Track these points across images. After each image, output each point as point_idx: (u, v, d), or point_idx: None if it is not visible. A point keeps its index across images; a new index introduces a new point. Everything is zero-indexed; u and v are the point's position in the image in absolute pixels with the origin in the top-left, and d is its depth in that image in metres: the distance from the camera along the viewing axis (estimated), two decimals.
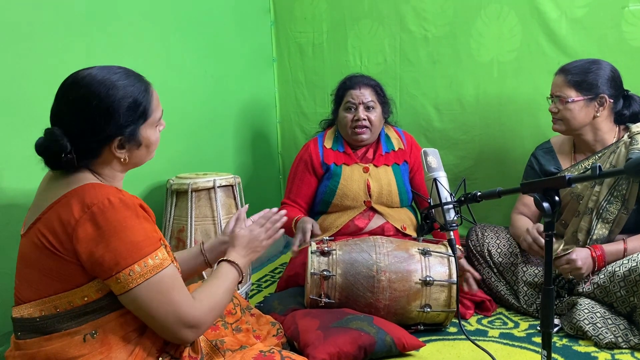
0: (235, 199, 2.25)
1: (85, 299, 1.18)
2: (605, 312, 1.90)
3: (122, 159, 1.26)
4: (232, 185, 2.24)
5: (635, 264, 1.84)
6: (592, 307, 1.91)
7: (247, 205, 1.74)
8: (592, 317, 1.88)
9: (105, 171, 1.27)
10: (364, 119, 2.36)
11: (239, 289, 2.22)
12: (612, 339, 1.82)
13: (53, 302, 1.19)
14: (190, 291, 1.29)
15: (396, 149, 2.45)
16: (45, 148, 1.19)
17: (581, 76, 2.04)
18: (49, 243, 1.16)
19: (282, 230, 1.63)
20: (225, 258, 1.44)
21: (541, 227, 2.02)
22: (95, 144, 1.22)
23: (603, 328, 1.85)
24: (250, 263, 2.13)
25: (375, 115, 2.39)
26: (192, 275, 1.67)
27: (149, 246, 1.18)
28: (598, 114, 2.05)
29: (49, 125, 1.22)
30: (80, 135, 1.19)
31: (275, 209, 1.63)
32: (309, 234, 2.11)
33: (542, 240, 1.97)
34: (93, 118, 1.19)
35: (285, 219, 1.64)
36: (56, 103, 1.23)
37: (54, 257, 1.17)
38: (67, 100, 1.20)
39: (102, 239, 1.14)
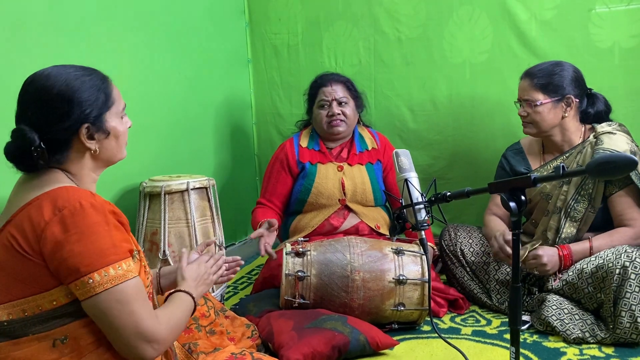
0: (209, 201, 2.25)
1: (54, 303, 1.16)
2: (572, 308, 1.94)
3: (93, 150, 1.25)
4: (206, 188, 2.23)
5: (602, 261, 1.88)
6: (560, 304, 1.96)
7: (213, 239, 1.76)
8: (559, 313, 1.93)
9: (78, 169, 1.26)
10: (339, 114, 2.40)
11: (213, 291, 2.21)
12: (580, 334, 1.87)
13: (21, 306, 1.17)
14: None
15: (370, 148, 2.48)
16: (15, 147, 1.18)
17: (546, 79, 2.08)
18: (19, 245, 1.15)
19: (225, 267, 1.61)
20: (180, 289, 1.40)
21: (508, 235, 2.06)
22: (63, 134, 1.20)
23: (570, 324, 1.90)
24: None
25: (349, 109, 2.43)
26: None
27: (113, 255, 1.16)
28: (566, 114, 2.09)
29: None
30: (47, 126, 1.18)
31: (216, 250, 1.63)
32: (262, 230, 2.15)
33: (508, 250, 2.01)
34: (56, 106, 1.19)
35: (224, 258, 1.61)
36: (19, 103, 1.22)
37: (23, 260, 1.15)
38: (28, 95, 1.21)
39: (67, 243, 1.12)
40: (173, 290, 1.40)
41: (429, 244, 2.22)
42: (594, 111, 2.14)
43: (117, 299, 1.14)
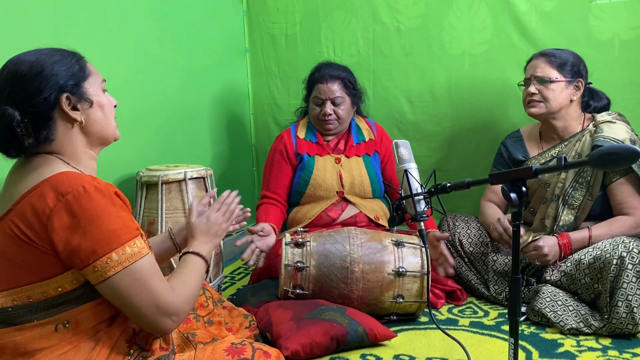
0: (206, 191, 2.23)
1: (60, 289, 1.17)
2: (567, 300, 1.95)
3: (79, 122, 1.24)
4: (203, 177, 2.22)
5: (600, 252, 1.89)
6: (554, 295, 1.96)
7: (214, 191, 1.76)
8: (553, 305, 1.94)
9: (71, 149, 1.25)
10: (331, 114, 2.38)
11: (210, 281, 2.21)
12: (574, 325, 1.88)
13: (26, 293, 1.17)
14: None
15: (367, 139, 2.47)
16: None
17: (562, 59, 2.10)
18: (23, 233, 1.14)
19: (239, 208, 1.62)
20: (187, 250, 1.44)
21: (506, 222, 2.06)
22: (43, 105, 1.19)
23: (564, 315, 1.91)
24: (218, 248, 2.11)
25: (343, 108, 2.41)
26: (162, 262, 1.66)
27: (127, 234, 1.17)
28: (574, 98, 2.11)
29: None
30: (25, 101, 1.18)
31: (227, 192, 1.62)
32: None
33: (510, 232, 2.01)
34: (30, 80, 1.19)
35: (239, 198, 1.62)
36: None
37: (28, 248, 1.15)
38: (2, 79, 1.21)
39: (78, 228, 1.13)
40: (183, 252, 1.44)
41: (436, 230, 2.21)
42: (596, 105, 2.18)
43: (135, 277, 1.17)
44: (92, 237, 1.13)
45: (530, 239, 2.03)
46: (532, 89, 2.12)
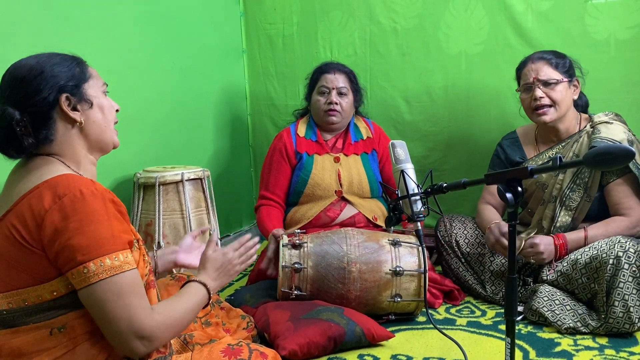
0: (204, 192, 2.24)
1: (55, 293, 1.16)
2: (564, 299, 1.95)
3: (78, 123, 1.24)
4: (200, 179, 2.22)
5: (596, 252, 1.89)
6: (552, 295, 1.97)
7: (207, 227, 1.77)
8: (550, 304, 1.94)
9: (71, 151, 1.24)
10: (336, 104, 2.39)
11: None
12: (571, 324, 1.88)
13: (21, 295, 1.16)
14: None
15: (364, 137, 2.48)
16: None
17: (558, 59, 2.09)
18: (20, 235, 1.14)
19: (255, 257, 1.60)
20: (195, 279, 1.40)
21: (504, 227, 2.05)
22: (43, 105, 1.20)
23: (561, 314, 1.91)
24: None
25: (347, 101, 2.43)
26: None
27: (111, 245, 1.15)
28: (575, 97, 2.11)
29: None
30: (25, 100, 1.18)
31: (248, 236, 1.59)
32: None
33: (505, 242, 2.01)
34: (30, 80, 1.19)
35: (258, 246, 1.61)
36: None
37: (24, 250, 1.14)
38: (4, 81, 1.22)
39: (65, 231, 1.12)
40: (188, 280, 1.40)
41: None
42: (581, 103, 2.19)
43: (112, 290, 1.13)
44: (76, 243, 1.12)
45: (525, 233, 2.03)
46: (539, 92, 2.05)
